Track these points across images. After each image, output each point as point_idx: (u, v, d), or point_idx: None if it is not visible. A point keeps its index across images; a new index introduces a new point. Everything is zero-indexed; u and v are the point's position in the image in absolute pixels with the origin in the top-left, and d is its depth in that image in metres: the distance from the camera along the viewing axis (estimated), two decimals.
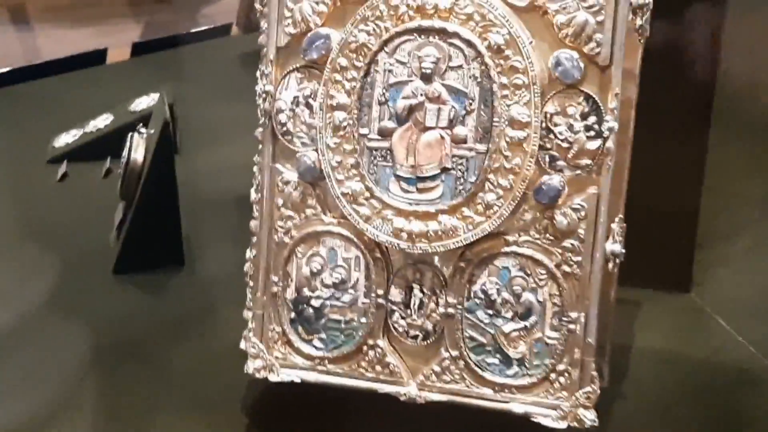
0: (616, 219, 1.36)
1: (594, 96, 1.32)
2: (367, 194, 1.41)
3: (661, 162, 1.78)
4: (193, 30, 4.15)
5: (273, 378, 1.49)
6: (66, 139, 2.66)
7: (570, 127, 1.33)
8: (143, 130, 2.02)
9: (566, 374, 1.38)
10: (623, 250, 1.37)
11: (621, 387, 1.64)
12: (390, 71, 1.38)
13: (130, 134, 2.02)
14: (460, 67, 1.35)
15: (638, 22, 1.33)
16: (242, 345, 1.52)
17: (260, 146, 1.50)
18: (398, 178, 1.39)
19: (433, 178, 1.38)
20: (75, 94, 3.15)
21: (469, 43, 1.34)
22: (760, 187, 2.06)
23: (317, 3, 1.41)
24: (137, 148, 1.99)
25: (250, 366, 1.50)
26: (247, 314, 1.53)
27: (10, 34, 4.34)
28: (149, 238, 2.00)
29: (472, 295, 1.40)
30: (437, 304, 1.42)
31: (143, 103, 2.68)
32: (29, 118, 2.97)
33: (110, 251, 2.06)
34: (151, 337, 1.84)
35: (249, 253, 1.53)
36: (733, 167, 1.94)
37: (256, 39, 1.49)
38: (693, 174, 1.88)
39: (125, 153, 2.01)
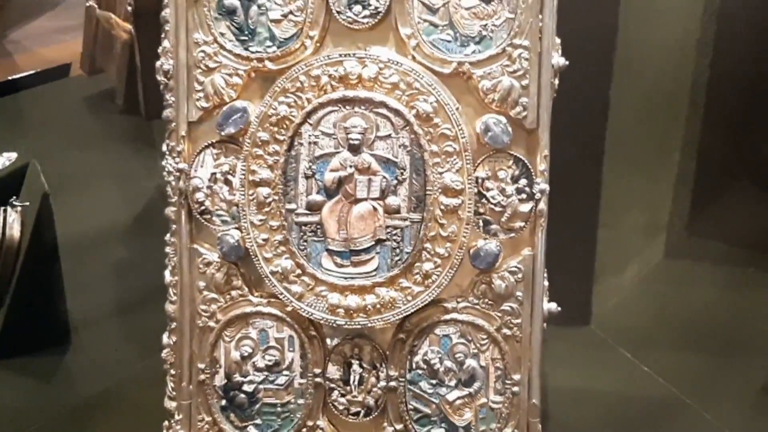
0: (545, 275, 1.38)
1: (523, 159, 1.33)
2: (299, 271, 1.35)
3: (557, 199, 1.83)
4: (28, 73, 3.90)
5: None
6: None
7: (502, 191, 1.33)
8: (17, 202, 1.86)
9: None
10: (559, 308, 1.39)
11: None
12: (315, 143, 1.33)
13: (2, 208, 1.86)
14: (389, 136, 1.32)
15: (557, 82, 1.35)
16: None
17: (173, 226, 1.40)
18: (331, 252, 1.34)
19: (367, 250, 1.34)
20: None
21: (397, 112, 1.31)
22: (644, 216, 2.15)
23: (230, 75, 1.34)
24: (12, 224, 1.83)
25: None
26: (170, 404, 1.43)
27: None
28: (31, 319, 1.85)
29: (413, 366, 1.37)
30: (378, 378, 1.38)
31: None
32: None
33: None
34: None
35: (167, 339, 1.43)
36: (621, 199, 2.01)
37: (100, 81, 1.39)
38: (588, 207, 1.95)
39: None
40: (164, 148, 1.41)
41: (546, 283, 1.39)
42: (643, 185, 2.10)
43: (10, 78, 3.77)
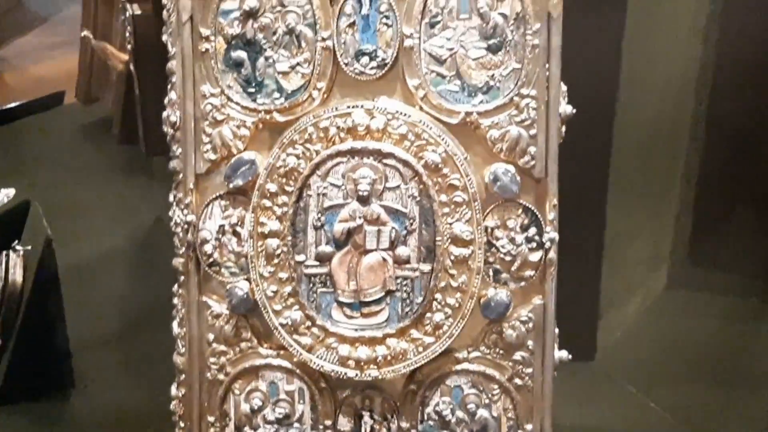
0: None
1: (532, 208, 1.32)
2: (308, 323, 1.34)
3: (561, 234, 1.83)
4: (22, 102, 3.88)
5: None
6: None
7: (512, 240, 1.33)
8: (19, 247, 1.85)
9: None
10: (570, 356, 1.38)
11: None
12: (324, 195, 1.32)
13: (4, 252, 1.84)
14: (398, 187, 1.31)
15: (564, 129, 1.35)
16: None
17: (181, 277, 1.39)
18: (340, 304, 1.34)
19: (377, 301, 1.33)
20: None
21: (406, 163, 1.30)
22: (647, 247, 2.15)
23: (238, 127, 1.33)
24: (15, 268, 1.82)
25: None
26: None
27: None
28: (34, 364, 1.83)
29: (425, 417, 1.36)
30: (389, 430, 1.37)
31: None
32: None
33: None
34: None
35: (175, 391, 1.43)
36: (624, 233, 2.01)
37: (96, 109, 1.39)
38: (592, 242, 1.95)
39: None
40: (171, 198, 1.40)
41: (557, 330, 1.39)
42: (646, 218, 2.10)
43: (4, 108, 3.76)
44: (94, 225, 2.66)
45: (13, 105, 3.81)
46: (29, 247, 1.84)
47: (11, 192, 2.44)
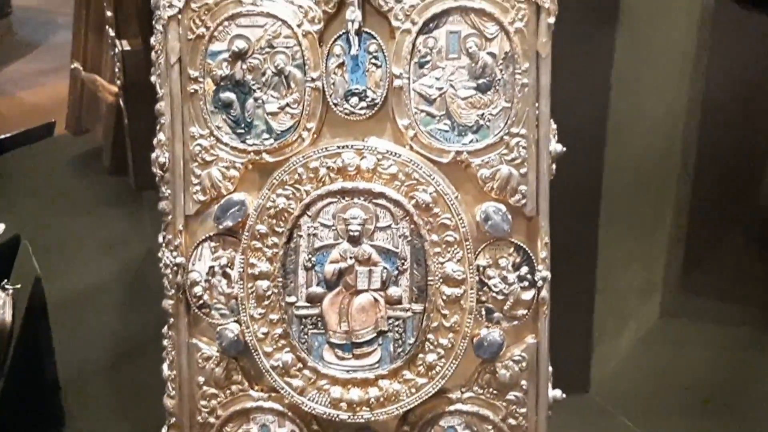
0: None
1: (524, 246, 1.32)
2: (300, 365, 1.33)
3: (554, 267, 1.83)
4: (12, 133, 3.86)
5: None
6: None
7: (504, 279, 1.32)
8: (8, 285, 1.83)
9: None
10: (564, 395, 1.37)
11: None
12: (314, 235, 1.31)
13: None
14: (389, 227, 1.31)
15: (554, 167, 1.35)
16: None
17: (170, 320, 1.38)
18: (332, 345, 1.32)
19: (369, 342, 1.32)
20: None
21: (397, 203, 1.30)
22: (639, 276, 2.15)
23: (227, 168, 1.33)
24: (3, 308, 1.80)
25: None
26: None
27: None
28: (24, 402, 1.81)
29: None
30: None
31: None
32: None
33: None
34: None
35: None
36: (617, 263, 2.01)
37: (86, 141, 1.37)
38: (585, 273, 1.94)
39: None
40: (160, 239, 1.39)
41: (550, 369, 1.38)
42: (638, 247, 2.10)
43: None
44: (85, 258, 2.64)
45: (2, 137, 3.79)
46: (18, 286, 1.83)
47: (1, 227, 2.43)
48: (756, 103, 2.23)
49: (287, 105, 1.31)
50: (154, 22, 1.33)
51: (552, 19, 1.28)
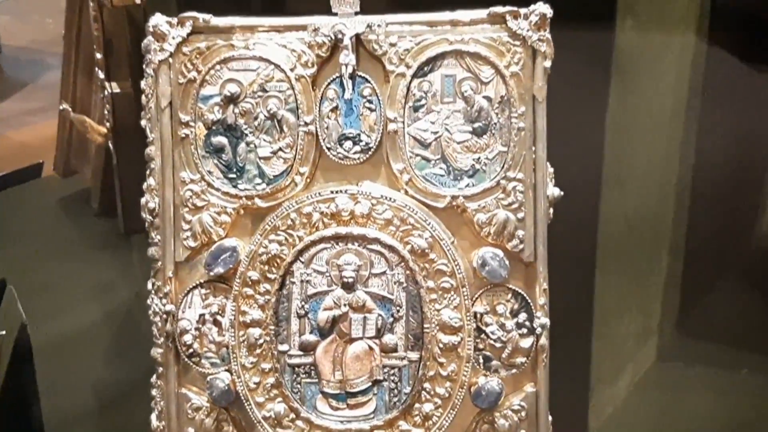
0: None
1: (522, 293, 1.29)
2: (292, 415, 1.29)
3: (551, 313, 1.81)
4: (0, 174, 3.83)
5: None
6: None
7: (502, 327, 1.29)
8: None
9: None
10: None
11: None
12: (307, 282, 1.29)
13: None
14: (384, 273, 1.28)
15: (552, 211, 1.33)
16: None
17: (159, 369, 1.34)
18: (326, 395, 1.29)
19: (364, 392, 1.29)
20: None
21: (391, 249, 1.27)
22: (636, 321, 2.12)
23: (219, 213, 1.30)
24: None
25: None
26: None
27: None
28: None
29: None
30: None
31: None
32: None
33: None
34: None
35: None
36: (613, 308, 1.99)
37: (74, 182, 1.34)
38: (582, 321, 1.91)
39: None
40: (150, 286, 1.36)
41: (550, 418, 1.34)
42: (634, 292, 2.08)
43: None
44: (72, 303, 2.60)
45: None
46: (3, 332, 1.79)
47: None
48: (749, 148, 2.24)
49: (280, 149, 1.29)
50: (144, 66, 1.31)
51: (548, 63, 1.27)
